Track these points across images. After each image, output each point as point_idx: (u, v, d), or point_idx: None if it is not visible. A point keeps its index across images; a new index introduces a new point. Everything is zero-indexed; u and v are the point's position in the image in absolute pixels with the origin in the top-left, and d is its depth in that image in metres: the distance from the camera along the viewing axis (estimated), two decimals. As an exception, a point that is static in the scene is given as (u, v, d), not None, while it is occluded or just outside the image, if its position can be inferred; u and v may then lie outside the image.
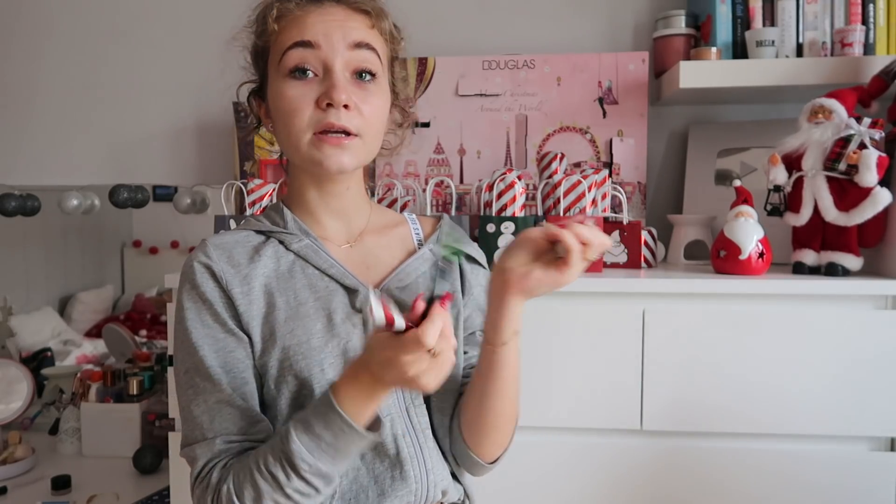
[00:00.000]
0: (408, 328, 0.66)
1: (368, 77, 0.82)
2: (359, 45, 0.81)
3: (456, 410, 0.90)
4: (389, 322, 0.65)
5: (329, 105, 0.79)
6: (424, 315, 0.66)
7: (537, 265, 0.76)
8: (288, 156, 0.87)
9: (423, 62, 1.56)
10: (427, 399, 0.88)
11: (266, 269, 0.83)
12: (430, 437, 0.87)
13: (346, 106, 0.79)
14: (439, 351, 0.66)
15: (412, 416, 0.85)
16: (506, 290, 0.77)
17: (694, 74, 1.35)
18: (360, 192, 0.92)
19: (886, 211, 1.17)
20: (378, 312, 0.64)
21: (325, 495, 0.74)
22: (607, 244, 0.75)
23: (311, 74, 0.80)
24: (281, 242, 0.86)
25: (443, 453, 0.89)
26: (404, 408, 0.85)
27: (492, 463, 0.90)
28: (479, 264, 0.97)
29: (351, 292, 0.85)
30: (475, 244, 1.01)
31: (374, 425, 0.73)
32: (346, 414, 0.70)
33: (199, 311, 0.81)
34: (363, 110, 0.81)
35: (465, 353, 0.98)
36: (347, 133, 0.80)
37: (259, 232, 0.87)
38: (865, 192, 1.17)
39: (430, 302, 0.67)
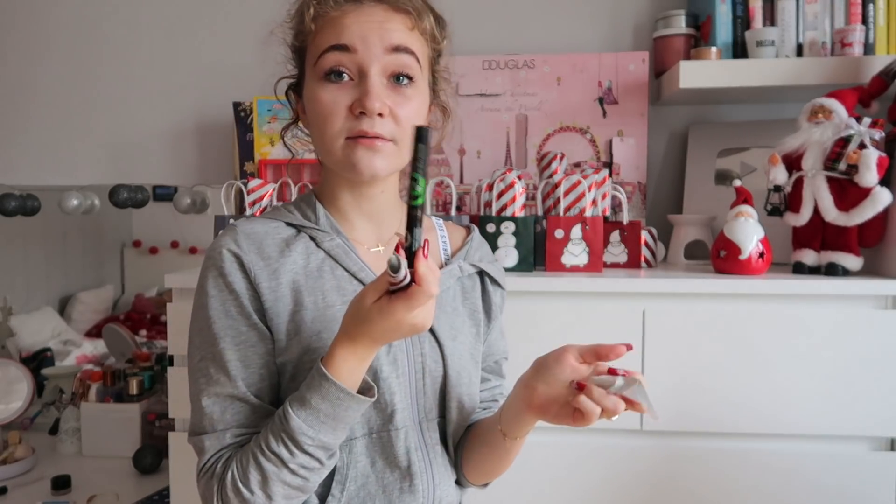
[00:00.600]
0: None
1: (406, 81, 0.80)
2: (397, 49, 0.78)
3: (461, 440, 0.90)
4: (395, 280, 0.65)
5: (362, 113, 0.77)
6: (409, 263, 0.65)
7: (558, 400, 0.77)
8: (321, 157, 0.85)
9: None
10: (442, 414, 0.87)
11: (295, 266, 0.81)
12: (440, 452, 0.86)
13: (380, 114, 0.77)
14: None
15: (424, 431, 0.84)
16: (526, 406, 0.79)
17: (694, 74, 1.35)
18: (394, 196, 0.89)
19: (886, 211, 1.18)
20: (404, 265, 0.64)
21: (328, 467, 0.74)
22: (639, 411, 0.78)
23: (346, 78, 0.78)
24: (312, 239, 0.84)
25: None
26: (417, 422, 0.84)
27: (483, 486, 0.93)
28: (500, 285, 0.95)
29: None
30: (497, 262, 0.99)
31: (368, 391, 0.73)
32: (342, 382, 0.70)
33: (224, 301, 0.79)
34: (398, 115, 0.79)
35: (489, 380, 0.98)
36: (380, 138, 0.78)
37: (289, 224, 0.85)
38: (865, 192, 1.17)
39: (411, 252, 0.65)
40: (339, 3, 0.80)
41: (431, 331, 0.84)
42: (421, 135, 0.64)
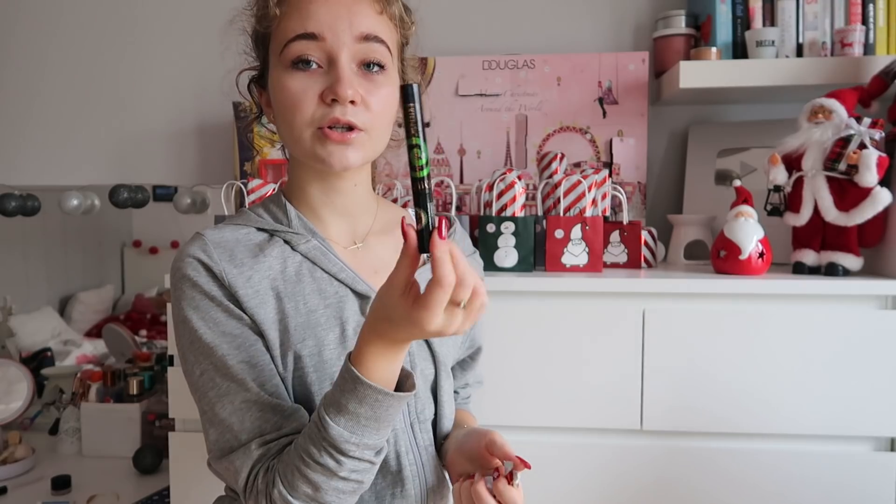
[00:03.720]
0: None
1: (376, 68, 0.77)
2: (366, 38, 0.76)
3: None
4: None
5: (334, 100, 0.74)
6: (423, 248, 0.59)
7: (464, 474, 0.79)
8: (289, 149, 0.82)
9: (423, 62, 1.56)
10: (434, 415, 0.86)
11: (272, 272, 0.78)
12: (433, 454, 0.84)
13: (352, 101, 0.74)
14: (466, 299, 0.60)
15: (416, 433, 0.83)
16: (449, 463, 0.82)
17: (694, 74, 1.35)
18: (368, 190, 0.86)
19: (886, 211, 1.17)
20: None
21: (379, 462, 0.71)
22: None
23: (314, 66, 0.75)
24: (287, 242, 0.81)
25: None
26: (409, 423, 0.82)
27: None
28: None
29: (362, 298, 0.81)
30: (476, 254, 0.99)
31: (406, 382, 0.69)
32: (377, 384, 0.65)
33: (206, 310, 0.75)
34: (370, 104, 0.76)
35: (464, 382, 0.98)
36: (352, 128, 0.75)
37: (260, 229, 0.82)
38: (865, 192, 1.17)
39: (425, 234, 0.59)
40: None
41: None
42: (407, 93, 0.59)
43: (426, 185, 0.59)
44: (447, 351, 0.87)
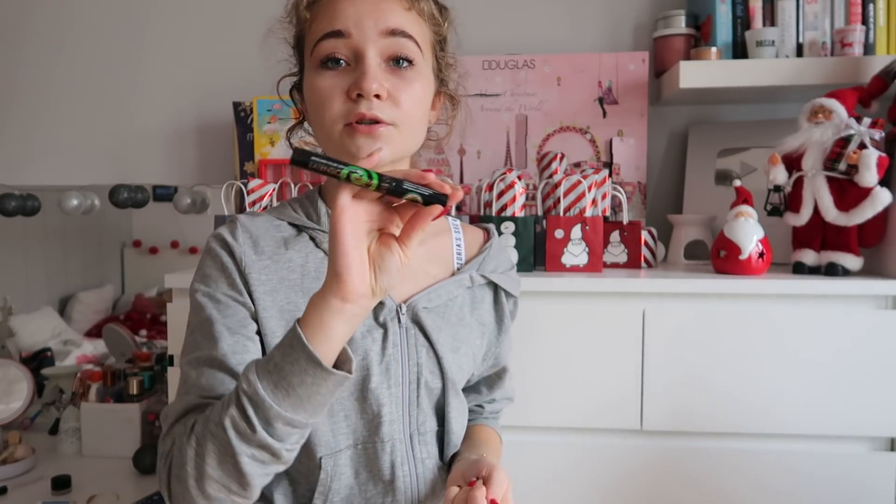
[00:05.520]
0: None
1: (405, 63, 0.76)
2: (393, 33, 0.75)
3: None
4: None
5: (360, 96, 0.74)
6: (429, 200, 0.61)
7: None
8: (323, 148, 0.81)
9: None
10: (441, 425, 0.85)
11: (292, 264, 0.79)
12: (432, 467, 0.83)
13: (377, 96, 0.74)
14: None
15: (415, 444, 0.82)
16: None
17: (694, 74, 1.35)
18: None
19: (886, 211, 1.18)
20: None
21: (271, 441, 0.64)
22: None
23: (343, 64, 0.76)
24: (312, 239, 0.82)
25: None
26: (408, 435, 0.81)
27: None
28: (513, 295, 0.93)
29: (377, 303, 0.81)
30: (513, 269, 0.96)
31: (343, 366, 0.65)
32: (310, 346, 0.62)
33: (215, 279, 0.77)
34: (399, 99, 0.75)
35: (479, 392, 0.97)
36: (379, 122, 0.74)
37: (291, 224, 0.83)
38: (865, 192, 1.17)
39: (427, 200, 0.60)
40: None
41: (429, 342, 0.82)
42: (296, 160, 0.60)
43: (387, 182, 0.60)
44: (459, 366, 0.85)
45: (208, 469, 0.65)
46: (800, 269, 1.26)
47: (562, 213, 1.27)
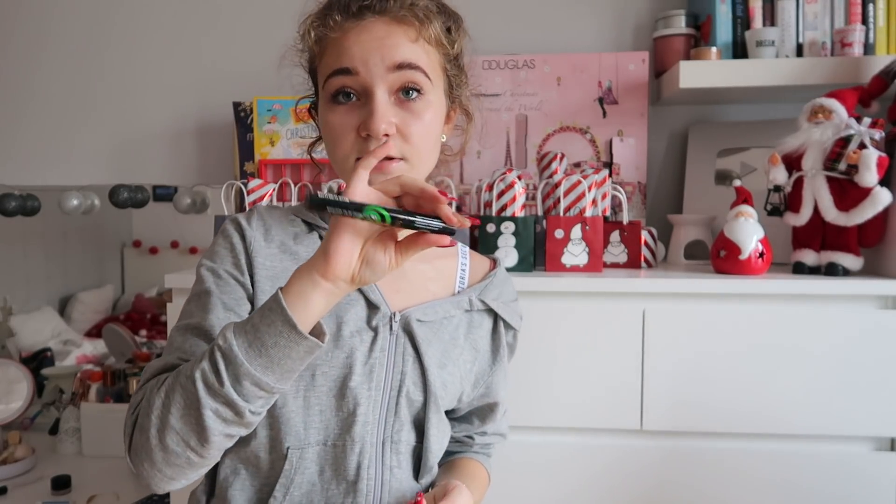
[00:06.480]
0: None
1: (414, 94, 0.78)
2: (400, 66, 0.76)
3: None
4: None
5: (368, 135, 0.76)
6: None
7: None
8: (339, 175, 0.84)
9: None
10: (420, 440, 0.84)
11: (297, 258, 0.82)
12: (400, 479, 0.82)
13: (385, 135, 0.76)
14: None
15: (385, 451, 0.81)
16: None
17: (694, 74, 1.35)
18: None
19: (886, 211, 1.17)
20: None
21: (239, 402, 0.66)
22: None
23: (353, 98, 0.78)
24: (321, 238, 0.85)
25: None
26: (380, 440, 0.81)
27: None
28: (513, 328, 0.94)
29: (371, 307, 0.82)
30: (517, 302, 0.96)
31: (319, 335, 0.68)
32: (288, 310, 0.65)
33: (222, 257, 0.81)
34: (409, 134, 0.77)
35: (469, 422, 0.96)
36: (391, 159, 0.77)
37: (305, 222, 0.86)
38: (865, 192, 1.17)
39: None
40: (339, 23, 0.78)
41: (417, 353, 0.83)
42: (313, 205, 0.64)
43: (400, 220, 0.63)
44: (443, 383, 0.85)
45: (171, 419, 0.67)
46: (800, 269, 1.26)
47: (562, 213, 1.27)
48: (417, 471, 0.85)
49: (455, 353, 0.87)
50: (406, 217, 0.63)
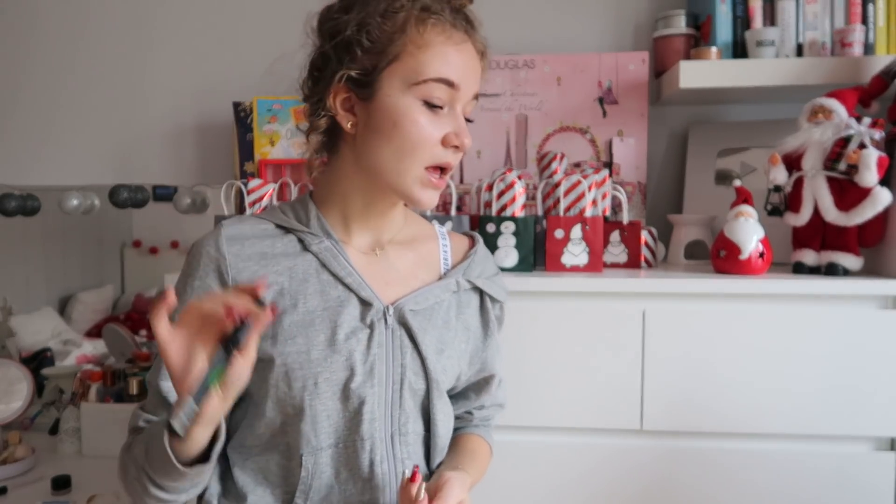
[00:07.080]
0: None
1: (468, 123, 0.85)
2: (475, 97, 0.85)
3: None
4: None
5: (456, 147, 0.81)
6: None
7: None
8: (374, 169, 0.81)
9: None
10: (427, 429, 0.85)
11: (279, 267, 0.81)
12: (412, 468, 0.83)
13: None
14: None
15: (395, 445, 0.82)
16: None
17: (694, 74, 1.35)
18: (402, 207, 0.91)
19: (886, 211, 1.17)
20: None
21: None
22: None
23: (442, 109, 0.81)
24: (300, 241, 0.84)
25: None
26: (389, 434, 0.82)
27: None
28: (499, 301, 0.95)
29: (364, 304, 0.83)
30: (499, 276, 0.97)
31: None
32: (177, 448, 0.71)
33: (194, 291, 0.82)
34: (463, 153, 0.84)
35: (467, 397, 0.96)
36: (446, 170, 0.82)
37: (278, 226, 0.85)
38: (865, 192, 1.17)
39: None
40: (449, 27, 0.81)
41: (414, 343, 0.83)
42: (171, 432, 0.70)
43: (230, 353, 0.69)
44: (443, 368, 0.86)
45: (127, 487, 0.79)
46: (800, 269, 1.26)
47: (562, 213, 1.27)
48: (428, 458, 0.86)
49: (450, 336, 0.87)
50: (230, 350, 0.68)
